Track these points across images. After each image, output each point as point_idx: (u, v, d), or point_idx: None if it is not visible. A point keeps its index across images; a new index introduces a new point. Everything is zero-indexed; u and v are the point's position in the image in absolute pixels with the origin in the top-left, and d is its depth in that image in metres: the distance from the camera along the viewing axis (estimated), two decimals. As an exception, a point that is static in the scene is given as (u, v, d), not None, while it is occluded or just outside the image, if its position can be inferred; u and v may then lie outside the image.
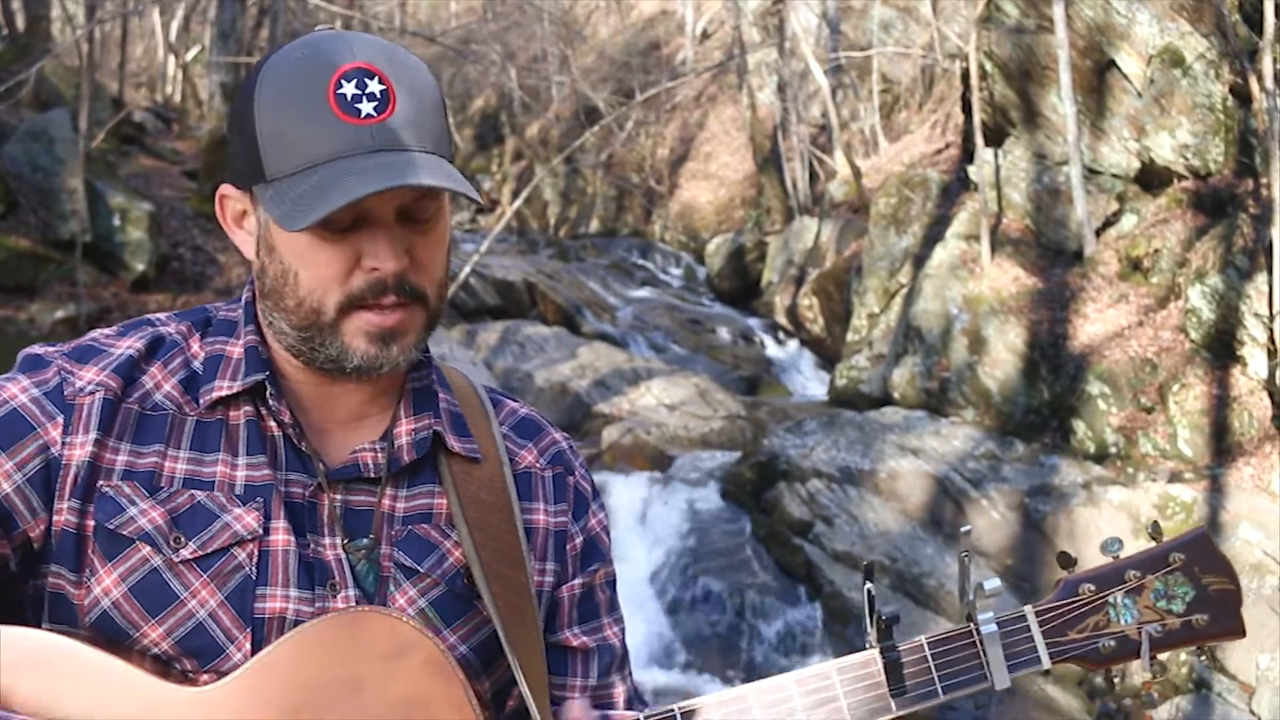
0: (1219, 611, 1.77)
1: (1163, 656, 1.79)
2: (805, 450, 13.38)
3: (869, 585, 1.74)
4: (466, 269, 16.02)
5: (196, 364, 1.78)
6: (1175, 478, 11.88)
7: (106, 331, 1.81)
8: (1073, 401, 13.11)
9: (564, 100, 34.20)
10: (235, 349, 1.79)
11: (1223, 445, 12.02)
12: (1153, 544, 1.82)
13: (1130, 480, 12.06)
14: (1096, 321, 13.66)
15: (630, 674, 1.98)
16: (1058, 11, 14.25)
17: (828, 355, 19.23)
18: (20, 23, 21.83)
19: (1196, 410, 12.27)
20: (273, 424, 1.76)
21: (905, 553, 12.01)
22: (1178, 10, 14.25)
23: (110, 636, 1.65)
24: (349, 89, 1.63)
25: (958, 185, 17.04)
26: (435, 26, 35.44)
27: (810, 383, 19.30)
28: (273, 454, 1.75)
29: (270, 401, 1.75)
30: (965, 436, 13.28)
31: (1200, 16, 14.24)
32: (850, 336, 17.24)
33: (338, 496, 1.76)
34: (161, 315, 1.86)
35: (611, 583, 1.98)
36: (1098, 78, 14.82)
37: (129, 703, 1.58)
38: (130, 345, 1.77)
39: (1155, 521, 1.86)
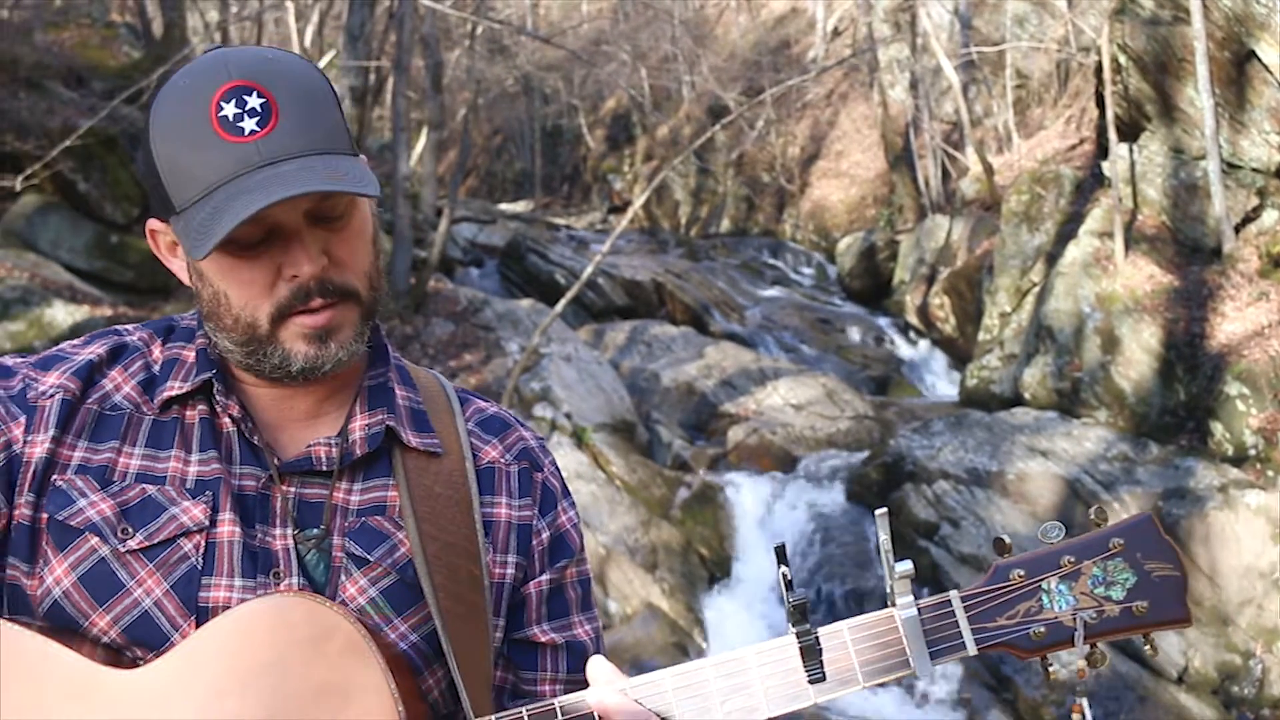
0: (1162, 598, 1.70)
1: (1104, 645, 1.72)
2: (932, 451, 13.20)
3: (784, 569, 1.69)
4: (590, 269, 16.02)
5: (156, 367, 1.85)
6: (1317, 481, 11.54)
7: (74, 341, 1.89)
8: (1210, 402, 12.78)
9: (695, 100, 34.18)
10: (189, 352, 1.86)
11: (1367, 448, 11.64)
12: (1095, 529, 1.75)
13: (1270, 484, 11.72)
14: (1235, 320, 13.30)
15: None
16: (1194, 2, 13.88)
17: (959, 355, 19.01)
18: (157, 29, 22.33)
19: (1340, 411, 11.90)
20: (226, 421, 1.82)
21: (1027, 549, 11.77)
22: (1321, -1, 13.82)
23: (62, 626, 1.69)
24: (229, 109, 1.66)
25: (1092, 181, 16.72)
26: (567, 28, 35.64)
27: (941, 383, 19.09)
28: (225, 449, 1.80)
29: (218, 398, 1.81)
30: (1097, 438, 13.01)
31: (1345, 5, 13.79)
32: (981, 336, 17.01)
33: (290, 489, 1.80)
34: (129, 326, 1.93)
35: (584, 581, 1.98)
36: (1236, 69, 14.41)
37: (58, 684, 1.63)
38: (92, 351, 1.85)
39: (1099, 506, 1.77)
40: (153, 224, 1.81)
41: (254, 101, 1.66)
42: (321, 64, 20.61)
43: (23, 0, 23.40)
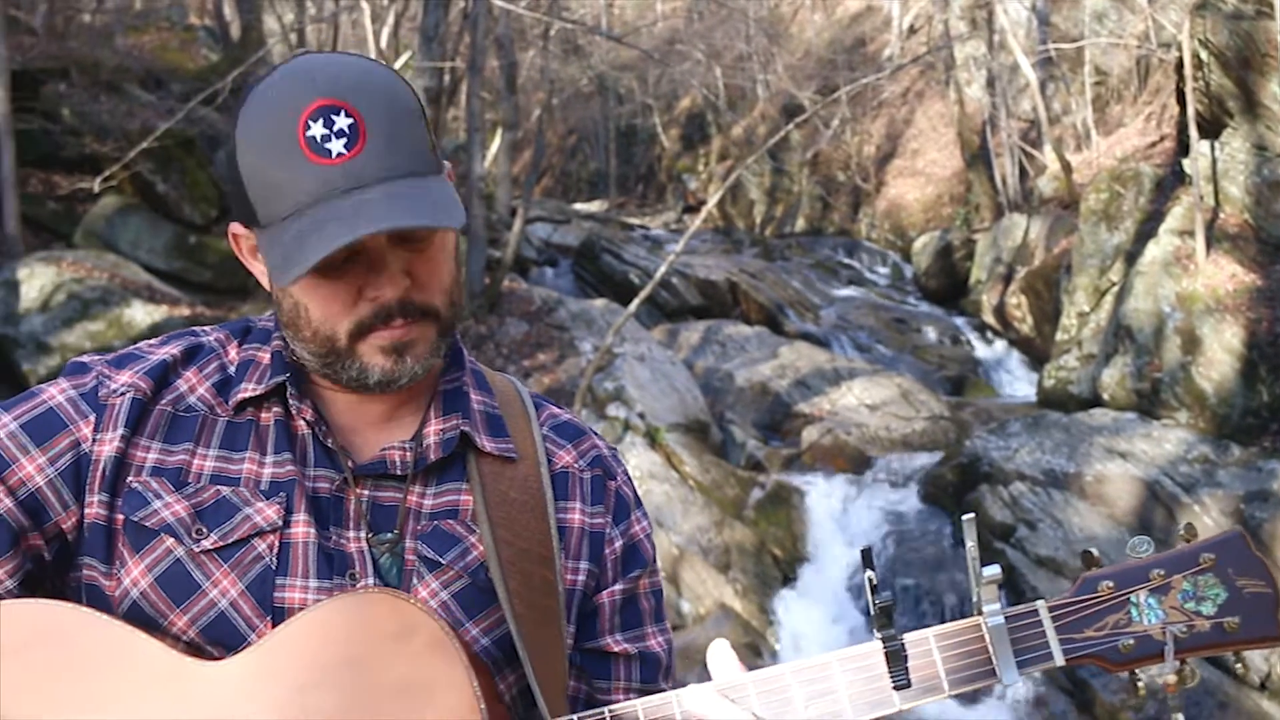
0: (1254, 616, 1.66)
1: (1193, 660, 1.69)
2: (1009, 452, 13.08)
3: (869, 573, 1.66)
4: (663, 268, 16.02)
5: (231, 369, 1.87)
6: (1404, 484, 11.31)
7: (151, 341, 1.91)
8: (1294, 404, 12.57)
9: (769, 99, 34.10)
10: (265, 354, 1.87)
11: None
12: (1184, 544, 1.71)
13: (1355, 486, 11.51)
14: (1320, 320, 13.08)
15: (673, 686, 1.92)
16: (1278, -4, 13.66)
17: (1036, 355, 18.84)
18: (235, 31, 22.57)
19: None
20: (301, 423, 1.83)
21: (1112, 559, 11.63)
22: None
23: (142, 625, 1.70)
24: (317, 129, 1.66)
25: (1172, 179, 16.49)
26: (641, 27, 35.66)
27: (1018, 383, 18.93)
28: (300, 451, 1.81)
29: (291, 401, 1.82)
30: (1178, 439, 12.83)
31: None
32: (1059, 336, 16.84)
33: (365, 492, 1.81)
34: (206, 327, 1.94)
35: (657, 592, 1.97)
36: (1322, 65, 14.17)
37: (143, 672, 1.65)
38: (168, 352, 1.86)
39: (1189, 523, 1.73)
40: (235, 227, 1.82)
41: (342, 122, 1.66)
42: (397, 65, 20.76)
43: (104, 5, 23.74)
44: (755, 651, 11.75)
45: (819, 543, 13.18)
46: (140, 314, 14.53)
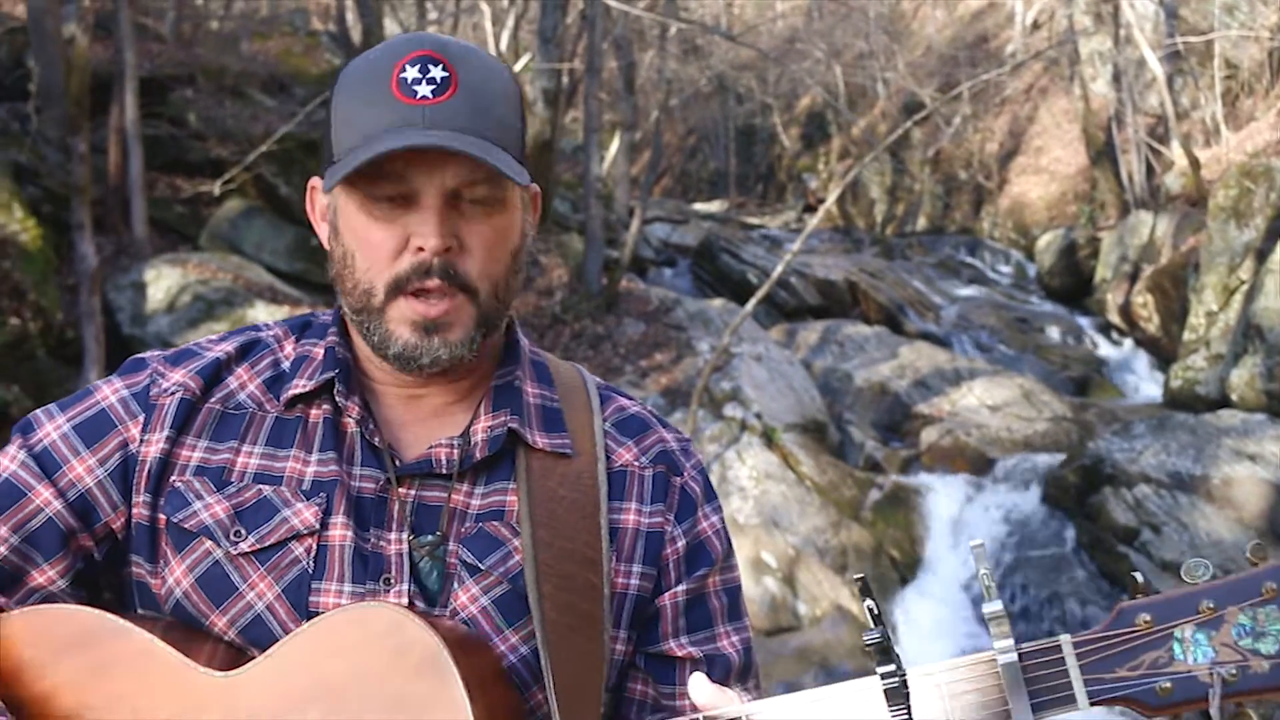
0: None
1: (1250, 707, 1.47)
2: (1133, 454, 12.82)
3: (869, 602, 1.56)
4: (780, 267, 15.94)
5: (285, 365, 1.85)
6: None
7: (212, 337, 1.91)
8: None
9: (890, 97, 33.84)
10: (319, 350, 1.85)
11: None
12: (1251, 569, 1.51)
13: None
14: None
15: (756, 687, 1.88)
16: None
17: (1163, 355, 18.47)
18: (356, 36, 22.87)
19: None
20: (349, 420, 1.80)
21: (1240, 565, 11.37)
22: None
23: (186, 624, 1.72)
24: (411, 73, 1.67)
25: (1305, 175, 16.10)
26: (760, 25, 35.58)
27: (1144, 384, 18.57)
28: (347, 450, 1.78)
29: (338, 398, 1.79)
30: (1310, 442, 12.51)
31: None
32: (1187, 335, 16.50)
33: (410, 492, 1.77)
34: (268, 322, 1.95)
35: (730, 589, 1.89)
36: None
37: (155, 682, 1.65)
38: (223, 349, 1.86)
39: (1258, 543, 1.52)
40: (314, 181, 1.83)
41: (437, 72, 1.68)
42: (517, 67, 20.92)
43: (231, 12, 24.22)
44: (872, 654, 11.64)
45: (937, 545, 13.04)
46: (263, 315, 14.74)
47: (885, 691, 1.55)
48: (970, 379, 16.32)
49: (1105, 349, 20.16)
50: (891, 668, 1.55)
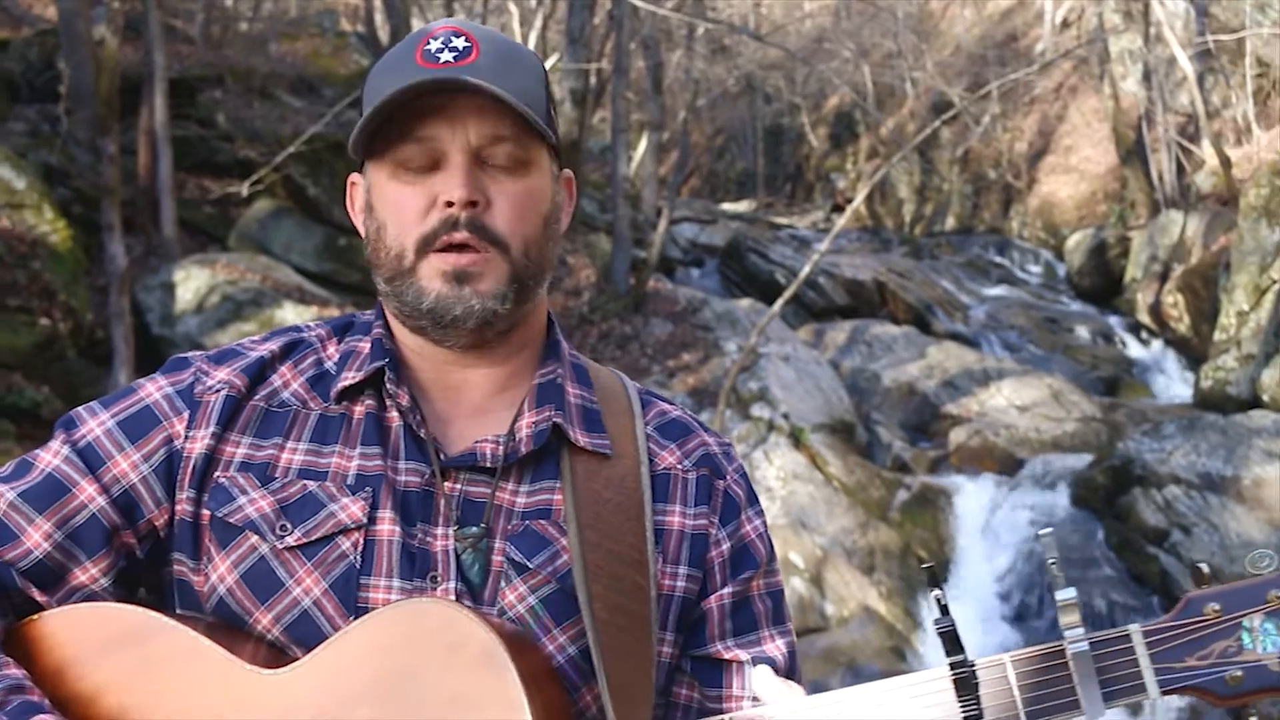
0: None
1: None
2: (1163, 455, 12.76)
3: (936, 592, 1.55)
4: (808, 267, 15.95)
5: (329, 363, 1.86)
6: None
7: (254, 338, 1.92)
8: None
9: (918, 96, 33.73)
10: (365, 344, 1.85)
11: None
12: None
13: None
14: None
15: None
16: None
17: (1193, 355, 18.37)
18: (384, 37, 22.92)
19: None
20: (393, 414, 1.80)
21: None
22: None
23: (229, 622, 1.72)
24: (435, 45, 1.72)
25: (1337, 173, 15.98)
26: (788, 25, 35.51)
27: (1174, 384, 18.48)
28: (391, 445, 1.78)
29: (388, 385, 1.79)
30: (1342, 442, 12.43)
31: None
32: (1217, 335, 16.41)
33: (456, 487, 1.77)
34: (311, 323, 1.95)
35: (774, 593, 1.89)
36: None
37: (204, 681, 1.64)
38: (266, 348, 1.87)
39: None
40: (353, 176, 1.87)
41: (459, 42, 1.72)
42: (546, 66, 20.93)
43: (260, 13, 24.30)
44: (899, 655, 11.62)
45: (966, 545, 13.00)
46: (291, 315, 14.79)
47: (955, 682, 1.55)
48: (999, 379, 16.26)
49: (1135, 349, 20.07)
50: (961, 657, 1.55)
